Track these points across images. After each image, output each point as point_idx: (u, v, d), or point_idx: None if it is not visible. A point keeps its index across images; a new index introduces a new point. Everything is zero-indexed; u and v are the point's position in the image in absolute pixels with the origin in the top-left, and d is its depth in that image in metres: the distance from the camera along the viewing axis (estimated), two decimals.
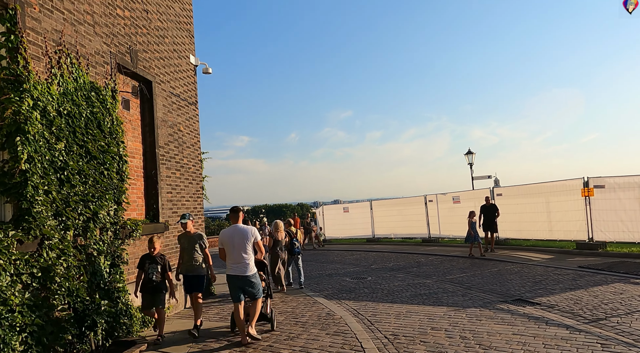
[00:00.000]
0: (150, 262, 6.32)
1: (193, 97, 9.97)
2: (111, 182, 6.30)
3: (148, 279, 6.26)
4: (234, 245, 5.93)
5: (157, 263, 6.34)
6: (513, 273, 10.71)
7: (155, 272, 6.28)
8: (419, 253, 16.26)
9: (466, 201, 17.77)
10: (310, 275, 12.65)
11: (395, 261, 14.77)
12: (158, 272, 6.31)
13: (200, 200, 9.96)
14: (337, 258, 16.94)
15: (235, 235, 6.00)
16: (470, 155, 19.43)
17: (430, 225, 19.26)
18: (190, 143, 9.67)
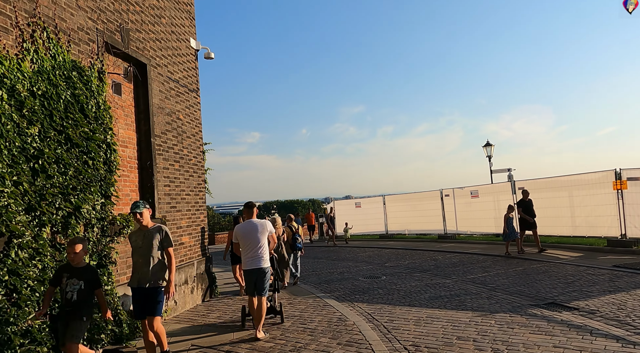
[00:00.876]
0: (69, 276, 4.42)
1: (194, 83, 9.29)
2: (97, 173, 5.64)
3: (65, 300, 4.40)
4: (248, 240, 6.03)
5: (79, 278, 4.42)
6: (540, 272, 9.87)
7: (77, 290, 4.39)
8: (435, 251, 15.45)
9: (485, 195, 16.89)
10: (321, 274, 11.95)
11: (411, 259, 13.99)
12: (81, 290, 4.41)
13: (202, 195, 9.30)
14: (349, 256, 16.22)
15: (249, 229, 6.09)
16: (489, 147, 18.51)
17: (447, 220, 18.41)
18: (191, 133, 8.99)
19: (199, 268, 8.74)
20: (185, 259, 8.26)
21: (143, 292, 4.85)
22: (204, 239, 9.21)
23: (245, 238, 6.08)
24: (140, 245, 4.90)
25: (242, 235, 6.12)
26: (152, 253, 4.86)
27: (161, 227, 5.02)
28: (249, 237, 6.06)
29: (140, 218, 4.88)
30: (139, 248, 4.90)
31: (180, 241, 8.13)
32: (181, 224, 8.23)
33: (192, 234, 8.69)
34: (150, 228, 4.97)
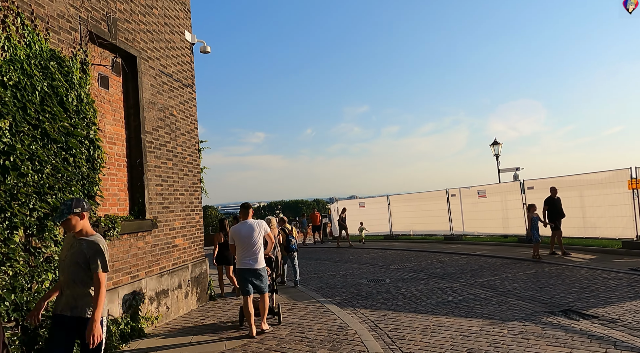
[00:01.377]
0: None
1: (189, 78, 8.89)
2: (78, 171, 5.24)
3: None
4: (244, 240, 6.11)
5: None
6: (553, 276, 9.38)
7: None
8: (441, 252, 14.98)
9: (493, 195, 16.40)
10: (323, 277, 11.52)
11: (416, 260, 13.53)
12: None
13: (198, 195, 8.89)
14: (352, 257, 15.77)
15: (245, 230, 6.17)
16: (497, 146, 18.00)
17: (453, 221, 17.93)
18: (186, 130, 8.59)
19: (194, 271, 8.34)
20: (179, 262, 7.85)
21: (68, 322, 3.54)
22: (199, 241, 8.81)
23: (241, 239, 6.15)
24: (64, 257, 3.65)
25: (238, 235, 6.19)
26: (76, 271, 3.54)
27: (95, 240, 3.60)
28: (245, 237, 6.14)
29: (68, 226, 3.58)
30: (62, 262, 3.66)
31: (173, 243, 7.73)
32: (175, 225, 7.83)
33: (187, 236, 8.29)
34: (84, 237, 3.62)
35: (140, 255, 6.67)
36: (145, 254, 6.80)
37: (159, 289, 7.06)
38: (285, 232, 10.31)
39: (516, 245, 14.84)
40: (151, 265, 6.95)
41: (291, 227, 10.89)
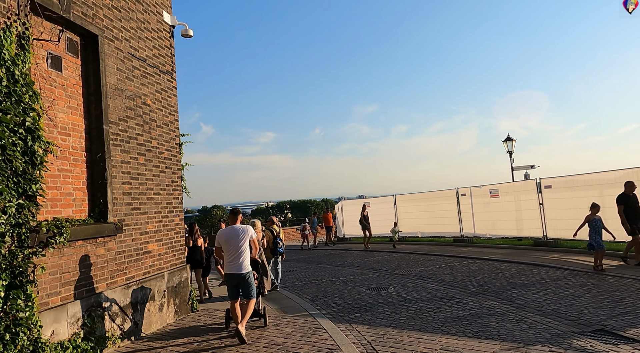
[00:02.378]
0: None
1: (168, 64, 7.98)
2: (10, 166, 4.34)
3: None
4: (230, 245, 6.16)
5: None
6: (577, 286, 8.33)
7: None
8: (450, 256, 13.93)
9: (506, 195, 15.31)
10: (321, 284, 10.55)
11: (423, 265, 12.52)
12: None
13: (178, 194, 7.98)
14: (355, 261, 14.79)
15: (231, 234, 6.20)
16: (510, 142, 16.88)
17: (463, 222, 16.86)
18: (163, 122, 7.68)
19: (171, 280, 7.43)
20: (152, 271, 6.94)
21: None
22: (179, 246, 7.90)
23: (227, 243, 6.19)
24: None
25: (224, 240, 6.23)
26: None
27: None
28: (231, 242, 6.17)
29: None
30: None
31: (145, 249, 6.82)
32: (147, 229, 6.93)
33: (163, 240, 7.38)
34: None
35: (100, 265, 5.76)
36: (106, 263, 5.89)
37: (125, 302, 6.15)
38: (272, 234, 9.88)
39: (531, 248, 13.75)
40: (115, 276, 6.04)
41: (279, 229, 10.27)
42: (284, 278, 12.13)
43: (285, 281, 11.53)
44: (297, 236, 32.98)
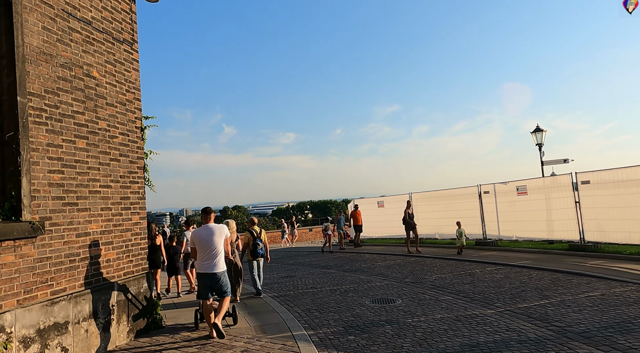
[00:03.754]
0: None
1: (125, 31, 6.66)
2: None
3: None
4: (204, 244, 6.09)
5: None
6: (630, 303, 6.66)
7: None
8: (472, 261, 12.29)
9: (535, 192, 13.56)
10: (319, 293, 9.09)
11: (440, 272, 10.94)
12: None
13: (137, 188, 6.65)
14: (364, 265, 13.29)
15: (205, 234, 6.13)
16: (539, 133, 15.08)
17: (486, 223, 15.14)
18: (117, 100, 6.36)
19: (126, 291, 6.10)
20: (94, 281, 5.62)
21: None
22: (139, 250, 6.57)
23: (201, 243, 6.12)
24: None
25: (199, 239, 6.14)
26: None
27: None
28: (205, 241, 6.11)
29: None
30: None
31: (85, 255, 5.50)
32: (89, 229, 5.61)
33: (114, 243, 6.05)
34: None
35: (7, 276, 4.45)
36: (17, 274, 4.57)
37: (47, 323, 4.82)
38: (252, 235, 9.18)
39: (566, 253, 11.98)
40: (32, 289, 4.73)
41: (260, 230, 9.39)
42: (281, 284, 10.76)
43: (281, 288, 10.13)
44: (311, 237, 31.59)
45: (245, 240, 9.23)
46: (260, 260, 9.34)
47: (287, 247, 24.29)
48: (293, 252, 20.72)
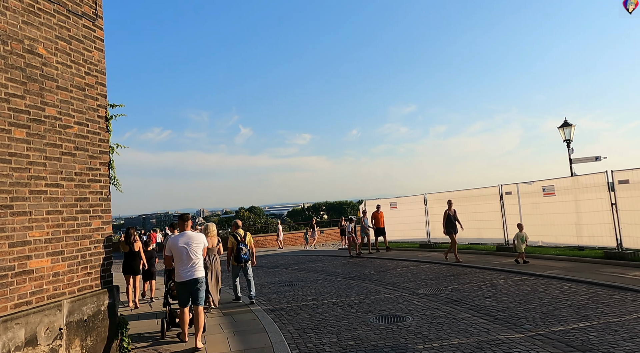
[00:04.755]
0: None
1: (85, 4, 5.68)
2: None
3: None
4: (184, 251, 5.93)
5: None
6: None
7: None
8: (493, 269, 11.06)
9: (564, 193, 12.26)
10: (319, 306, 8.01)
11: (457, 281, 9.77)
12: None
13: (99, 187, 5.67)
14: (372, 272, 12.18)
15: (186, 241, 5.98)
16: (567, 128, 13.73)
17: (508, 226, 13.85)
18: (73, 83, 5.39)
19: (79, 311, 5.12)
20: (35, 300, 4.64)
21: None
22: (100, 260, 5.59)
23: (180, 250, 5.95)
24: None
25: (177, 247, 5.96)
26: None
27: None
28: (184, 248, 5.94)
29: None
30: None
31: (22, 268, 4.52)
32: (28, 237, 4.64)
33: (65, 253, 5.08)
34: None
35: None
36: None
37: None
38: (236, 239, 8.75)
39: (600, 262, 10.67)
40: None
41: (244, 233, 8.95)
42: (280, 294, 9.74)
43: (279, 299, 9.10)
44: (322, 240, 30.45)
45: (230, 244, 8.81)
46: (248, 265, 8.84)
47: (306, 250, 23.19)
48: (301, 255, 19.70)
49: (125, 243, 9.18)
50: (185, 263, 5.92)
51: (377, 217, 17.32)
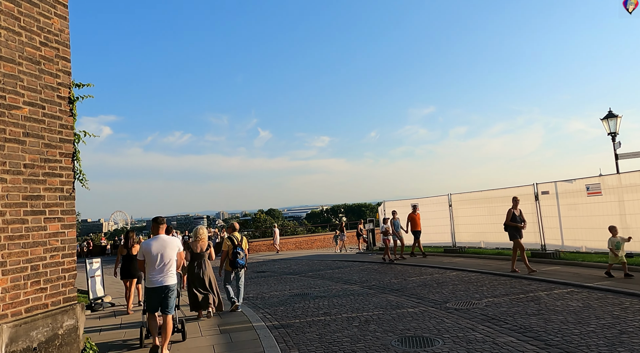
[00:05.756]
0: None
1: None
2: None
3: None
4: (157, 256, 5.76)
5: None
6: None
7: None
8: (532, 279, 9.73)
9: (611, 192, 10.82)
10: (331, 323, 6.84)
11: (491, 292, 8.50)
12: None
13: (60, 183, 4.66)
14: (393, 281, 10.98)
15: (159, 245, 5.81)
16: (613, 120, 12.27)
17: (545, 230, 12.44)
18: (23, 55, 4.40)
19: (27, 336, 4.09)
20: None
21: None
22: (63, 272, 4.57)
23: (152, 255, 5.75)
24: None
25: (149, 251, 5.76)
26: None
27: None
28: (157, 253, 5.75)
29: None
30: None
31: None
32: None
33: (9, 264, 4.07)
34: None
35: None
36: None
37: None
38: (232, 243, 8.24)
39: None
40: None
41: (241, 237, 8.44)
42: (289, 306, 8.65)
43: (287, 313, 8.00)
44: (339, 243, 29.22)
45: (225, 248, 8.32)
46: (241, 271, 8.39)
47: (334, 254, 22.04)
48: (316, 260, 18.58)
49: (123, 246, 9.18)
50: (156, 268, 5.73)
51: (414, 219, 15.72)
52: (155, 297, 5.77)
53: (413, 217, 15.77)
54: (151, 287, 5.74)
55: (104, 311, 9.24)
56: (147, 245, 5.78)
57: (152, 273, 5.75)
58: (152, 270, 5.75)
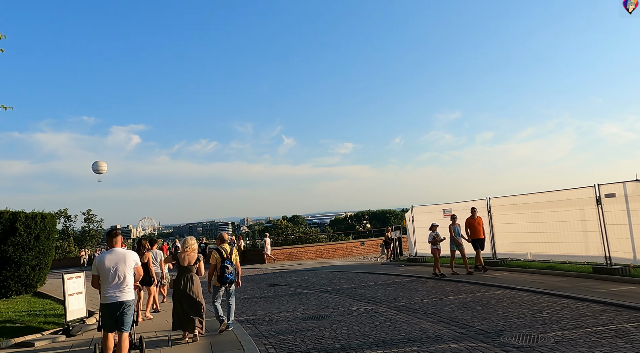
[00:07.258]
0: None
1: None
2: None
3: None
4: (113, 270, 5.50)
5: None
6: None
7: None
8: (605, 303, 7.76)
9: None
10: None
11: (556, 319, 6.64)
12: None
13: None
14: (426, 300, 9.20)
15: (114, 259, 5.55)
16: None
17: (610, 241, 10.39)
18: None
19: None
20: None
21: None
22: None
23: (107, 269, 5.49)
24: None
25: (104, 266, 5.49)
26: None
27: None
28: (112, 267, 5.50)
29: None
30: None
31: None
32: None
33: None
34: None
35: None
36: None
37: None
38: (221, 255, 7.44)
39: None
40: None
41: (230, 249, 7.62)
42: (299, 333, 7.03)
43: (296, 343, 6.37)
44: (362, 252, 27.46)
45: (213, 261, 7.52)
46: (232, 287, 7.61)
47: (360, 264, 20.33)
48: (337, 272, 16.87)
49: None
50: (110, 284, 5.44)
51: (474, 225, 13.19)
52: (110, 314, 5.41)
53: (472, 223, 13.25)
54: (106, 303, 5.41)
55: (82, 336, 7.82)
56: (100, 260, 5.50)
57: (106, 289, 5.43)
58: (106, 285, 5.44)
